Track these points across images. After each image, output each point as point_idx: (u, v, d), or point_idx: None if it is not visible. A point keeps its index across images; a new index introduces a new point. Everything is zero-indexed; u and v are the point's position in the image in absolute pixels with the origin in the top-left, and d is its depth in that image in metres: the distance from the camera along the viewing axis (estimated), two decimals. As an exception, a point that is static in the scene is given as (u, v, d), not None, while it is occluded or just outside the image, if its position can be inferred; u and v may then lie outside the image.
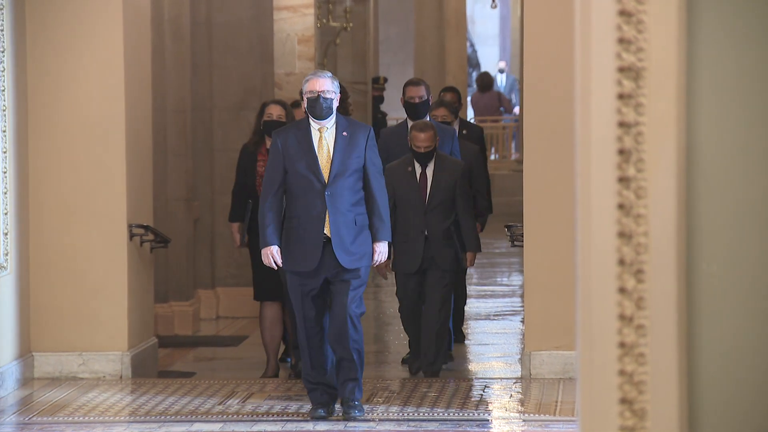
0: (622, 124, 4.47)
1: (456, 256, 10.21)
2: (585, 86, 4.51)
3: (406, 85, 11.01)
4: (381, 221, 8.51)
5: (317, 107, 8.40)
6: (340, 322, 8.41)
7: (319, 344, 8.51)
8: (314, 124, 8.47)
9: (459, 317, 11.61)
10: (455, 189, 10.19)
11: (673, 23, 4.44)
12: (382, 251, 8.53)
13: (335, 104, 8.45)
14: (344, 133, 8.44)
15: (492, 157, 27.14)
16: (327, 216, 8.38)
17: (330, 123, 8.47)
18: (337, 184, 8.40)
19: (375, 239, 8.52)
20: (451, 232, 10.19)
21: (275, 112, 10.18)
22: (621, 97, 4.46)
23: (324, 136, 8.45)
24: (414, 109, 10.80)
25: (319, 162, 8.40)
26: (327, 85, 8.41)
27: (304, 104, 8.43)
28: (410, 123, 10.59)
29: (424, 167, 10.23)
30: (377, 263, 8.60)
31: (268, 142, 9.98)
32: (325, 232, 8.38)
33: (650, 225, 4.46)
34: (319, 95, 8.39)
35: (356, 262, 8.42)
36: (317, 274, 8.42)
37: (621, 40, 4.45)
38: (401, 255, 10.19)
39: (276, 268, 8.53)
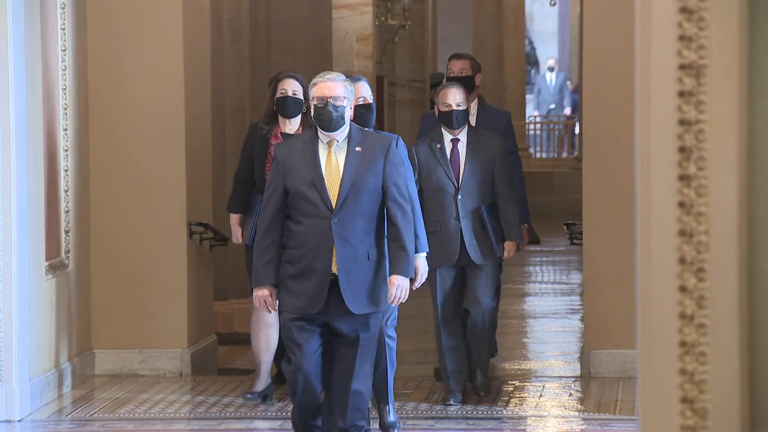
0: (682, 122, 4.46)
1: (490, 245, 8.85)
2: (645, 84, 4.49)
3: (449, 58, 9.76)
4: (403, 251, 6.96)
5: (325, 116, 6.94)
6: (341, 396, 7.02)
7: (312, 394, 7.06)
8: (322, 137, 6.99)
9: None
10: (493, 167, 8.86)
11: (734, 20, 4.42)
12: (401, 285, 6.96)
13: (348, 113, 7.00)
14: (357, 149, 6.98)
15: (539, 155, 27.07)
16: (334, 249, 6.88)
17: (341, 135, 7.00)
18: (347, 209, 6.90)
19: (393, 271, 6.97)
20: (482, 217, 8.83)
21: (290, 87, 8.88)
22: (682, 94, 4.45)
23: (333, 150, 6.98)
24: None
25: (326, 182, 6.92)
26: (338, 90, 6.97)
27: (312, 112, 7.04)
28: None
29: (455, 130, 8.78)
30: (395, 299, 6.98)
31: (283, 124, 8.90)
32: (332, 268, 6.90)
33: (711, 223, 4.44)
34: (328, 102, 6.93)
35: (368, 306, 6.94)
36: (319, 317, 6.95)
37: (682, 38, 4.44)
38: (434, 248, 8.49)
39: (270, 312, 7.09)
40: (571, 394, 9.64)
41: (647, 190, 4.48)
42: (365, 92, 7.97)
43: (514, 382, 9.99)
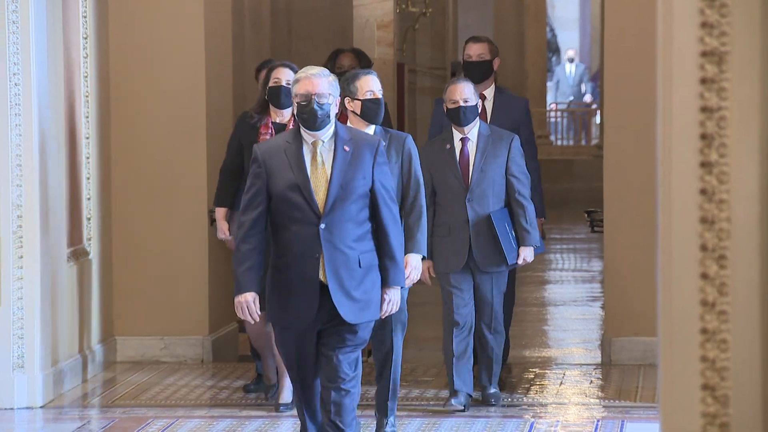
0: (704, 109, 4.45)
1: (500, 252, 8.32)
2: (667, 71, 4.48)
3: (466, 42, 9.16)
4: (392, 262, 6.56)
5: (310, 115, 6.45)
6: (331, 389, 6.63)
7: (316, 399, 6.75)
8: (306, 136, 6.51)
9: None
10: (506, 166, 8.36)
11: (756, 6, 4.41)
12: (392, 299, 6.60)
13: (333, 111, 6.52)
14: (345, 148, 6.49)
15: (560, 142, 27.02)
16: (322, 256, 6.45)
17: (326, 135, 6.51)
18: (335, 214, 6.43)
19: (385, 284, 6.58)
20: (491, 222, 8.31)
21: (284, 77, 8.39)
22: (704, 81, 4.44)
23: (319, 151, 6.49)
24: (471, 71, 8.93)
25: (312, 185, 6.44)
26: (323, 87, 6.49)
27: (294, 110, 6.58)
28: None
29: (464, 127, 8.28)
30: (386, 314, 6.64)
31: (274, 114, 8.46)
32: (320, 277, 6.46)
33: (733, 210, 4.44)
34: (312, 99, 6.45)
35: (361, 315, 6.53)
36: (312, 327, 6.56)
37: (704, 25, 4.43)
38: (442, 252, 8.29)
39: (253, 322, 6.65)
40: (591, 382, 9.64)
41: (668, 177, 4.48)
42: (374, 86, 7.58)
43: (534, 370, 9.99)
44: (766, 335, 4.43)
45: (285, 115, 8.45)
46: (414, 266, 7.33)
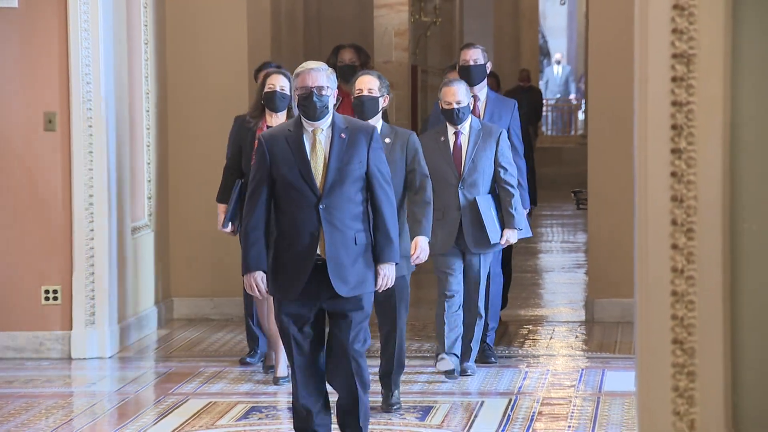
0: (675, 103, 4.43)
1: (486, 236, 7.98)
2: (643, 70, 4.47)
3: (460, 49, 8.73)
4: (387, 239, 6.15)
5: (310, 106, 6.10)
6: (341, 363, 6.18)
7: (314, 381, 6.21)
8: (307, 125, 6.15)
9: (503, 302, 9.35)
10: (495, 157, 8.01)
11: (720, 15, 4.39)
12: (387, 274, 6.16)
13: (332, 102, 6.17)
14: (342, 135, 6.13)
15: (550, 133, 26.96)
16: (321, 233, 6.06)
17: (325, 124, 6.15)
18: (334, 196, 6.07)
19: (379, 260, 6.15)
20: (476, 207, 7.97)
21: (278, 83, 8.01)
22: (674, 79, 4.42)
23: (318, 138, 6.14)
24: (468, 74, 8.44)
25: (312, 169, 6.09)
26: (321, 80, 6.13)
27: (295, 102, 6.23)
28: None
29: (458, 126, 7.94)
30: (381, 288, 6.19)
31: (270, 118, 8.05)
32: (318, 252, 6.06)
33: (699, 190, 4.42)
34: (312, 92, 6.10)
35: (356, 289, 6.10)
36: (310, 302, 6.12)
37: (674, 30, 4.41)
38: (436, 235, 7.82)
39: (261, 297, 6.38)
40: (577, 336, 9.63)
41: (644, 162, 4.46)
42: (363, 85, 7.18)
43: (528, 326, 9.99)
44: (727, 296, 4.42)
45: (280, 118, 8.04)
46: (423, 248, 7.10)
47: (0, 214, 8.85)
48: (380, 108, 7.19)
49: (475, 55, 8.49)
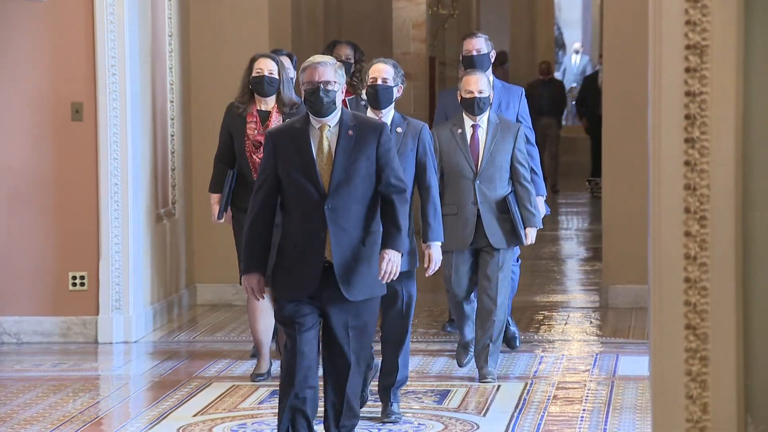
0: (688, 94, 4.42)
1: (513, 231, 7.59)
2: (656, 62, 4.46)
3: (463, 38, 8.41)
4: (396, 228, 5.72)
5: (317, 102, 5.69)
6: (339, 368, 5.75)
7: (306, 374, 5.71)
8: (314, 122, 5.74)
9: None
10: (512, 153, 7.62)
11: (732, 7, 4.38)
12: (392, 260, 5.69)
13: (339, 97, 5.76)
14: (350, 132, 5.72)
15: (565, 122, 26.89)
16: (327, 235, 5.65)
17: (333, 120, 5.74)
18: (341, 195, 5.65)
19: (384, 245, 5.71)
20: (507, 204, 7.59)
21: (266, 67, 7.64)
22: (687, 70, 4.41)
23: (325, 135, 5.72)
24: (471, 64, 8.13)
25: (318, 167, 5.66)
26: (329, 75, 5.72)
27: (302, 97, 5.86)
28: None
29: (476, 116, 7.57)
30: (386, 274, 5.70)
31: (259, 102, 7.71)
32: (325, 255, 5.65)
33: (712, 179, 4.41)
34: (319, 87, 5.69)
35: (363, 293, 5.69)
36: (312, 305, 5.70)
37: (688, 22, 4.40)
38: (448, 231, 7.33)
39: (258, 299, 5.85)
40: (591, 322, 9.62)
41: (658, 151, 4.46)
42: (377, 74, 6.80)
43: (543, 312, 9.98)
44: (740, 283, 4.41)
45: (269, 103, 7.71)
46: (436, 259, 6.58)
47: (29, 201, 8.88)
48: (394, 98, 6.82)
49: (479, 45, 8.18)
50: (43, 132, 8.87)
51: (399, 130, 6.71)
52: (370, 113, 6.79)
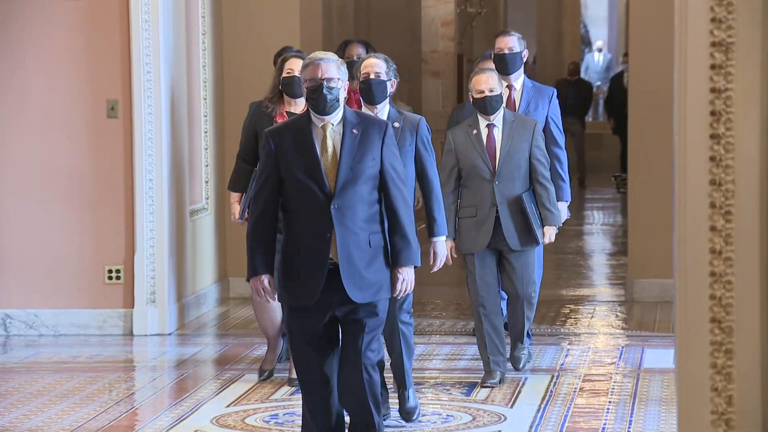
0: (713, 90, 4.40)
1: (530, 231, 7.29)
2: (682, 58, 4.44)
3: (496, 36, 8.07)
4: (405, 241, 5.48)
5: (319, 99, 5.42)
6: (353, 373, 5.47)
7: (325, 397, 5.52)
8: (316, 120, 5.47)
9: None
10: (530, 152, 7.30)
11: (758, 4, 4.36)
12: (406, 278, 5.48)
13: (342, 95, 5.49)
14: (354, 131, 5.46)
15: (590, 119, 26.81)
16: (333, 236, 5.39)
17: (336, 118, 5.47)
18: (346, 195, 5.39)
19: (397, 263, 5.48)
20: (522, 202, 7.27)
21: (297, 67, 7.25)
22: (713, 67, 4.39)
23: (328, 134, 5.46)
24: (503, 63, 7.83)
25: (323, 167, 5.41)
26: (331, 71, 5.45)
27: (304, 94, 5.53)
28: None
29: (490, 115, 7.24)
30: (400, 293, 5.51)
31: (288, 104, 7.40)
32: (330, 256, 5.40)
33: (737, 174, 4.40)
34: (321, 84, 5.41)
35: (371, 295, 5.44)
36: (322, 310, 5.44)
37: (713, 20, 4.38)
38: (468, 233, 7.22)
39: (268, 301, 5.55)
40: (617, 315, 9.59)
41: (684, 147, 4.44)
42: (369, 69, 6.53)
43: (570, 306, 9.96)
44: (764, 277, 4.39)
45: (299, 105, 7.38)
46: (441, 254, 6.36)
47: (66, 197, 8.92)
48: (388, 92, 6.52)
49: (511, 43, 7.85)
50: (79, 129, 8.91)
51: (396, 125, 6.41)
52: (364, 109, 6.49)
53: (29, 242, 8.91)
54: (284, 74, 7.36)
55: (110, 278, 8.97)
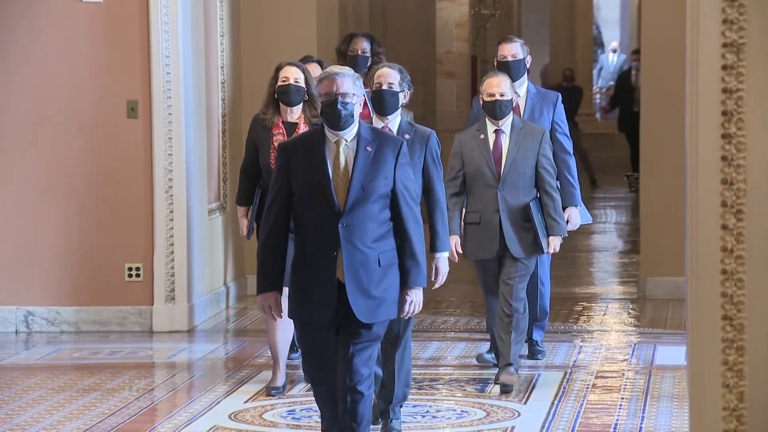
0: (725, 90, 4.40)
1: (534, 240, 7.12)
2: (694, 59, 4.44)
3: (498, 43, 7.92)
4: (415, 262, 5.32)
5: (333, 114, 5.25)
6: (345, 385, 5.33)
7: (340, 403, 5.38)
8: (330, 135, 5.30)
9: (533, 314, 7.78)
10: (537, 161, 7.13)
11: (769, 6, 4.36)
12: (414, 300, 5.34)
13: (357, 110, 5.31)
14: (368, 148, 5.28)
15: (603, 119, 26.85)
16: (340, 254, 5.23)
17: (350, 134, 5.30)
18: (356, 214, 5.23)
19: (406, 284, 5.33)
20: (529, 212, 7.12)
21: (291, 75, 7.16)
22: (725, 68, 4.39)
23: (341, 150, 5.28)
24: (507, 70, 7.60)
25: (332, 184, 5.24)
26: (347, 86, 5.28)
27: (318, 109, 5.42)
28: None
29: (499, 120, 7.13)
30: (408, 315, 5.37)
31: (285, 113, 7.23)
32: (337, 275, 5.24)
33: (748, 173, 4.39)
34: (336, 98, 5.25)
35: (379, 315, 5.29)
36: (331, 328, 5.33)
37: (725, 21, 4.37)
38: (473, 240, 7.13)
39: (275, 319, 5.51)
40: (629, 313, 9.58)
41: (695, 146, 4.44)
42: (382, 79, 6.34)
43: (582, 303, 9.95)
44: (775, 275, 4.40)
45: (295, 113, 7.24)
46: (443, 272, 6.14)
47: (87, 196, 8.95)
48: (400, 104, 6.35)
49: (514, 50, 7.69)
50: (100, 129, 8.94)
51: (406, 136, 6.26)
52: (375, 119, 6.37)
53: (50, 241, 8.95)
54: (279, 83, 7.19)
55: (130, 276, 9.00)
